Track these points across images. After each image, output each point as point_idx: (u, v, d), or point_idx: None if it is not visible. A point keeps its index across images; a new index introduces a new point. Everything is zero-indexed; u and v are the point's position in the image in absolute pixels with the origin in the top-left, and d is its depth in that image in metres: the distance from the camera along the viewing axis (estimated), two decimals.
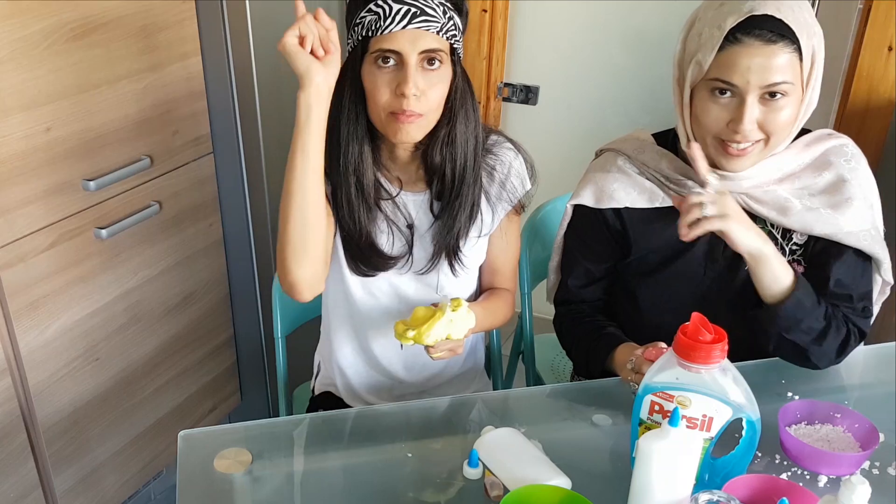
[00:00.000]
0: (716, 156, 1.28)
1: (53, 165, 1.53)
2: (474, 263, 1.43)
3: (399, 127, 1.23)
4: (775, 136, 1.24)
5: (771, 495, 1.03)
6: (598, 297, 1.48)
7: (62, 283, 1.60)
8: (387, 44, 1.20)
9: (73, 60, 1.51)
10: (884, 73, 1.98)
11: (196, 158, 1.85)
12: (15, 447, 1.60)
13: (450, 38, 1.23)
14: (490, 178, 1.37)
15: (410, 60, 1.20)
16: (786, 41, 1.19)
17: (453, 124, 1.28)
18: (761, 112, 1.22)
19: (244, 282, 2.05)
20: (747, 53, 1.19)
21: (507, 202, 1.39)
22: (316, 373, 1.59)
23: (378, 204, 1.33)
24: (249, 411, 2.24)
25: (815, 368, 1.33)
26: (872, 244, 1.30)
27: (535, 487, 1.01)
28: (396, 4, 1.19)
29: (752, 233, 1.22)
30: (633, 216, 1.38)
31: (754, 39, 1.18)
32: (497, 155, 1.38)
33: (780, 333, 1.27)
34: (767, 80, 1.19)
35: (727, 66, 1.20)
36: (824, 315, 1.28)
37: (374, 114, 1.26)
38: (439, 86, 1.24)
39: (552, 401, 1.39)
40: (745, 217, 1.22)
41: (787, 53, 1.19)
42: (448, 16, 1.22)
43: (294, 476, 1.17)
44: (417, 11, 1.19)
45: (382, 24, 1.19)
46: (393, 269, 1.37)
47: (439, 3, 1.21)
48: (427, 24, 1.20)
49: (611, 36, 2.46)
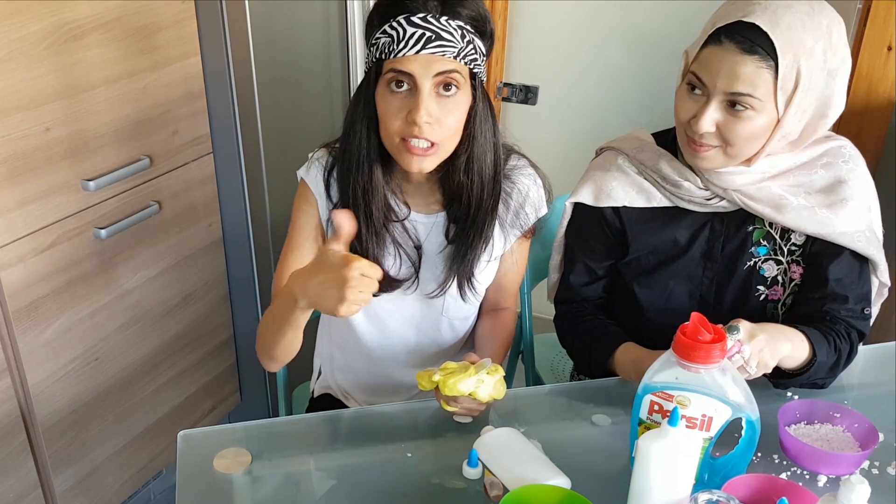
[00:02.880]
0: (684, 149, 1.28)
1: (52, 165, 1.53)
2: (484, 288, 1.42)
3: (411, 158, 1.19)
4: (733, 147, 1.23)
5: (770, 495, 1.03)
6: (598, 296, 1.48)
7: (62, 283, 1.60)
8: (399, 66, 1.14)
9: (73, 60, 1.51)
10: (883, 73, 1.98)
11: (195, 158, 1.85)
12: (14, 447, 1.60)
13: (469, 63, 1.17)
14: (505, 206, 1.33)
15: (424, 86, 1.14)
16: (763, 55, 1.15)
17: (472, 151, 1.23)
18: (723, 117, 1.21)
19: (244, 282, 2.05)
20: (720, 56, 1.18)
21: (519, 229, 1.36)
22: (317, 375, 1.59)
23: (386, 226, 1.30)
24: (249, 411, 2.24)
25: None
26: (867, 245, 1.30)
27: (534, 487, 1.01)
28: (411, 28, 1.13)
29: (782, 344, 1.17)
30: (632, 215, 1.38)
31: (733, 45, 1.17)
32: (515, 182, 1.34)
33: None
34: (731, 88, 1.18)
35: (703, 63, 1.20)
36: (835, 350, 1.26)
37: (386, 138, 1.21)
38: (455, 112, 1.18)
39: (552, 400, 1.39)
40: (774, 343, 1.15)
41: (760, 68, 1.16)
42: (467, 39, 1.16)
43: (294, 476, 1.17)
44: (432, 36, 1.13)
45: (396, 48, 1.14)
46: (398, 290, 1.35)
47: (458, 27, 1.15)
48: (443, 48, 1.14)
49: (610, 36, 2.45)
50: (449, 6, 1.15)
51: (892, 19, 1.92)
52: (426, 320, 1.41)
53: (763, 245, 1.34)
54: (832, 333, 1.27)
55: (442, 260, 1.34)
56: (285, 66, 1.92)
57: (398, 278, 1.33)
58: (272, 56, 1.85)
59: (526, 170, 1.37)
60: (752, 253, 1.35)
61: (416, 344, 1.44)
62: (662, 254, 1.38)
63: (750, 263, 1.35)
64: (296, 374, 1.69)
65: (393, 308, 1.39)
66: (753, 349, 1.12)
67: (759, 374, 1.15)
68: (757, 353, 1.13)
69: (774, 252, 1.34)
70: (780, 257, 1.34)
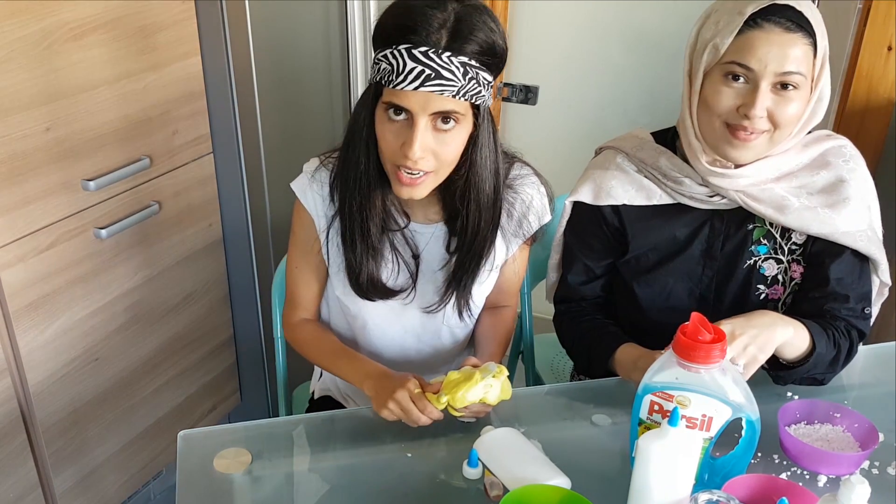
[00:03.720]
0: (721, 143, 1.26)
1: (53, 165, 1.53)
2: (482, 300, 1.41)
3: (401, 187, 1.18)
4: (781, 130, 1.24)
5: (770, 495, 1.03)
6: (597, 295, 1.48)
7: (62, 283, 1.60)
8: (397, 99, 1.11)
9: (73, 60, 1.51)
10: (883, 73, 1.98)
11: (196, 158, 1.85)
12: (14, 447, 1.60)
13: (469, 99, 1.13)
14: (508, 216, 1.31)
15: (419, 122, 1.11)
16: (804, 32, 1.20)
17: (469, 178, 1.21)
18: (772, 101, 1.22)
19: (244, 282, 2.05)
20: (766, 38, 1.19)
21: (522, 238, 1.36)
22: (318, 377, 1.59)
23: (386, 234, 1.29)
24: (249, 411, 2.24)
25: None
26: (869, 245, 1.30)
27: (534, 487, 1.01)
28: (411, 62, 1.09)
29: (779, 331, 1.18)
30: (631, 213, 1.38)
31: (774, 26, 1.19)
32: (518, 192, 1.33)
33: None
34: (783, 68, 1.19)
35: (746, 49, 1.20)
36: (834, 344, 1.27)
37: (383, 161, 1.20)
38: (453, 145, 1.16)
39: (552, 400, 1.39)
40: (767, 332, 1.16)
41: (804, 45, 1.20)
42: (470, 76, 1.11)
43: (294, 476, 1.17)
44: (432, 74, 1.09)
45: (395, 79, 1.10)
46: (396, 299, 1.35)
47: (461, 64, 1.10)
48: (441, 87, 1.10)
49: (611, 36, 2.45)
50: (456, 41, 1.10)
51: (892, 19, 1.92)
52: (427, 331, 1.41)
53: (763, 244, 1.34)
54: (832, 328, 1.27)
55: (442, 275, 1.33)
56: (285, 67, 1.92)
57: (395, 288, 1.33)
58: (272, 56, 1.85)
59: (529, 178, 1.34)
60: (752, 251, 1.35)
61: (416, 352, 1.44)
62: (662, 252, 1.38)
63: (750, 262, 1.35)
64: (296, 375, 1.69)
65: (393, 318, 1.38)
66: (736, 349, 1.12)
67: (753, 369, 1.15)
68: (742, 352, 1.13)
69: (775, 251, 1.34)
70: (781, 256, 1.34)
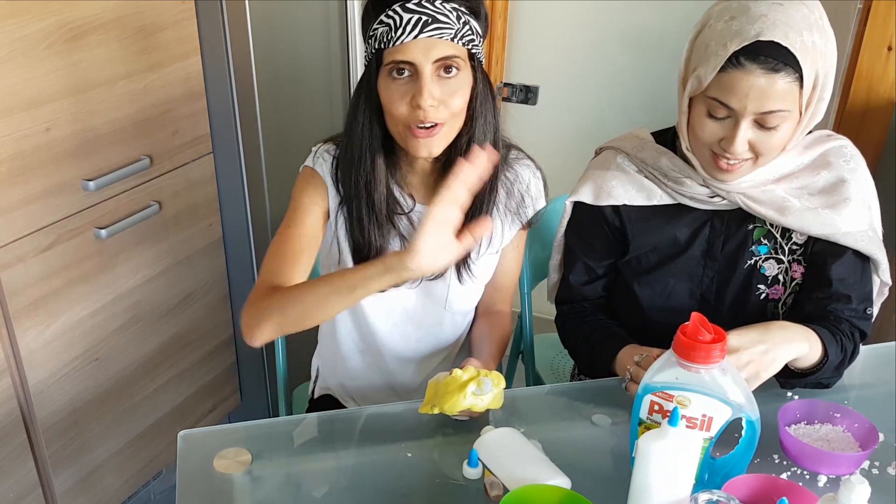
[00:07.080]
0: (707, 167, 1.28)
1: (53, 165, 1.53)
2: (483, 275, 1.42)
3: (418, 143, 1.20)
4: (764, 156, 1.24)
5: (770, 495, 1.03)
6: (599, 295, 1.48)
7: (62, 283, 1.60)
8: (400, 55, 1.16)
9: (73, 60, 1.51)
10: (883, 73, 1.98)
11: (195, 158, 1.85)
12: (14, 447, 1.60)
13: (466, 44, 1.19)
14: (508, 194, 1.35)
15: (425, 71, 1.16)
16: (788, 70, 1.15)
17: (473, 132, 1.25)
18: (754, 134, 1.21)
19: (244, 282, 2.05)
20: (747, 80, 1.16)
21: (520, 220, 1.38)
22: (315, 377, 1.59)
23: (391, 219, 1.31)
24: (249, 411, 2.24)
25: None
26: (870, 245, 1.30)
27: (534, 487, 1.01)
28: (407, 14, 1.14)
29: (795, 346, 1.18)
30: (632, 213, 1.38)
31: (757, 66, 1.15)
32: (517, 171, 1.37)
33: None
34: (764, 108, 1.17)
35: (727, 88, 1.18)
36: (842, 349, 1.27)
37: (393, 127, 1.23)
38: (459, 93, 1.20)
39: (552, 400, 1.39)
40: (779, 349, 1.16)
41: (788, 83, 1.16)
42: (463, 21, 1.18)
43: (294, 476, 1.17)
44: (429, 19, 1.15)
45: (394, 36, 1.15)
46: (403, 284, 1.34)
47: (453, 9, 1.17)
48: (440, 31, 1.15)
49: (611, 36, 2.45)
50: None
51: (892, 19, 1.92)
52: (428, 316, 1.42)
53: (764, 244, 1.34)
54: (839, 333, 1.27)
55: None
56: (285, 66, 1.92)
57: None
58: (272, 56, 1.85)
59: (525, 161, 1.39)
60: (752, 251, 1.35)
61: (416, 340, 1.44)
62: (662, 252, 1.38)
63: (750, 262, 1.35)
64: (296, 375, 1.69)
65: (395, 300, 1.39)
66: (738, 364, 1.12)
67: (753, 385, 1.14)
68: (743, 367, 1.13)
69: (775, 251, 1.34)
70: (781, 256, 1.34)
